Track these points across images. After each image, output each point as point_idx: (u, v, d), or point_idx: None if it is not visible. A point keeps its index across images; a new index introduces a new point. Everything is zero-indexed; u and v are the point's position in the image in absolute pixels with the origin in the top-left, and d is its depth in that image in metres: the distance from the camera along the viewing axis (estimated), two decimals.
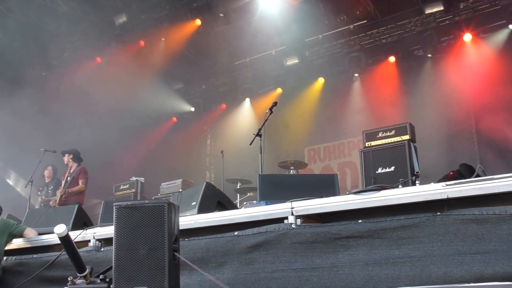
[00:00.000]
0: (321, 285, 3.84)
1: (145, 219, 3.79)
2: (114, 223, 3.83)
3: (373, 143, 9.13)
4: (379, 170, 8.86)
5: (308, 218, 4.28)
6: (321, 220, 4.28)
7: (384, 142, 9.07)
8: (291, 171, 9.79)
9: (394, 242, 3.70)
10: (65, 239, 3.75)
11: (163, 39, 13.94)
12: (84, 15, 13.48)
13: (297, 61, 13.84)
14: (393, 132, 9.03)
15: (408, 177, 8.27)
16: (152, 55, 14.10)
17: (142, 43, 14.08)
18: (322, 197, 4.33)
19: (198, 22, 13.43)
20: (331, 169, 13.70)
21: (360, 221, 3.90)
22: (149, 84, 14.44)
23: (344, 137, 13.89)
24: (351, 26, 13.08)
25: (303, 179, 6.01)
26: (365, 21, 12.90)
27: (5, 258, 5.85)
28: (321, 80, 14.21)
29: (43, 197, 9.71)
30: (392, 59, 13.06)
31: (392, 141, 8.92)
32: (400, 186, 5.74)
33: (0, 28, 11.73)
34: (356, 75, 13.77)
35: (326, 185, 5.30)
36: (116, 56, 14.05)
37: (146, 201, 3.85)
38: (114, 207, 3.85)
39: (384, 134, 9.22)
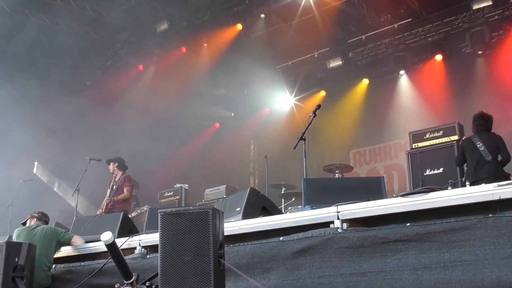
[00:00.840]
0: None
1: (190, 226, 3.78)
2: (159, 230, 3.84)
3: (421, 144, 8.95)
4: (427, 172, 8.67)
5: (354, 222, 4.18)
6: (367, 224, 4.18)
7: (432, 143, 8.87)
8: (336, 174, 9.65)
9: (444, 245, 3.57)
10: (111, 246, 3.78)
11: (204, 44, 14.05)
12: (126, 24, 13.78)
13: (340, 62, 13.67)
14: (441, 133, 8.82)
15: (458, 178, 8.06)
16: (194, 61, 14.23)
17: (183, 49, 14.24)
18: (368, 200, 4.23)
19: (239, 26, 13.50)
20: (377, 172, 13.46)
21: (408, 224, 3.78)
22: (191, 90, 14.59)
23: (390, 139, 13.63)
24: (396, 25, 12.82)
25: (348, 183, 5.88)
26: (410, 19, 12.61)
27: (54, 266, 5.97)
28: (365, 81, 14.01)
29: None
30: (439, 57, 12.72)
31: (440, 141, 8.72)
32: (449, 188, 5.57)
33: (46, 39, 12.07)
34: (402, 74, 13.49)
35: (372, 188, 5.17)
36: (158, 63, 14.27)
37: (191, 208, 3.85)
38: (159, 214, 3.87)
39: (432, 135, 9.01)
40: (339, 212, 4.20)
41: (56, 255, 6.12)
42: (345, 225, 4.14)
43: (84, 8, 12.99)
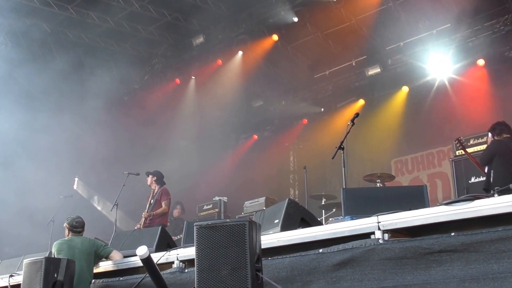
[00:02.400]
0: None
1: (226, 239, 3.72)
2: (195, 243, 3.80)
3: None
4: (472, 180, 8.38)
5: (396, 233, 4.03)
6: (410, 234, 4.02)
7: (476, 150, 8.60)
8: (378, 184, 9.44)
9: (493, 255, 3.40)
10: (147, 261, 3.75)
11: (241, 56, 14.07)
12: (163, 38, 13.98)
13: (379, 70, 13.46)
14: (485, 139, 8.53)
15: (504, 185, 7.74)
16: (230, 74, 14.27)
17: (220, 62, 14.32)
18: (410, 209, 4.07)
19: (275, 37, 13.50)
20: (420, 180, 13.13)
21: (452, 234, 3.62)
22: (229, 102, 14.63)
23: (433, 147, 13.30)
24: (434, 31, 12.56)
25: (389, 192, 5.72)
26: (449, 24, 12.34)
27: (93, 281, 6.00)
28: (405, 89, 13.72)
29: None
30: (481, 62, 12.35)
31: (484, 149, 8.41)
32: (495, 195, 5.34)
33: (84, 57, 12.34)
34: (443, 80, 13.17)
35: (415, 197, 5.00)
36: (195, 76, 14.38)
37: (227, 220, 3.80)
38: (194, 227, 3.82)
39: (476, 141, 8.76)
40: (379, 222, 4.06)
41: (95, 270, 6.15)
42: (386, 236, 4.00)
43: (121, 25, 13.26)
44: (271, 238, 4.74)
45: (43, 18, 12.26)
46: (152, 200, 9.39)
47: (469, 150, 8.50)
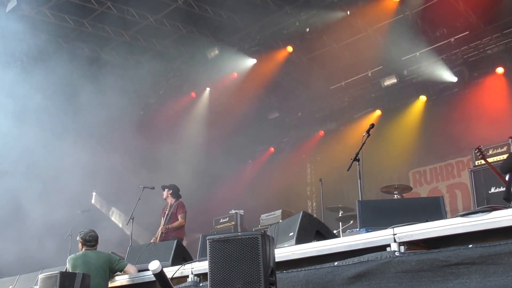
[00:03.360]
0: None
1: (239, 252, 3.69)
2: (208, 257, 3.78)
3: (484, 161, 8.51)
4: (492, 190, 8.22)
5: (413, 245, 3.95)
6: (426, 246, 3.94)
7: (496, 160, 8.45)
8: (395, 195, 9.31)
9: None
10: (159, 275, 3.73)
11: (255, 69, 14.09)
12: (178, 52, 14.08)
13: (395, 80, 13.38)
14: (505, 149, 8.41)
15: None
16: (246, 86, 14.29)
17: (235, 74, 14.35)
18: (427, 221, 3.99)
19: (289, 49, 13.50)
20: (439, 191, 12.93)
21: (470, 246, 3.53)
22: (245, 115, 14.62)
23: (451, 157, 13.12)
24: (452, 39, 12.45)
25: (406, 203, 5.64)
26: (467, 32, 12.22)
27: None
28: (422, 99, 13.58)
29: None
30: (500, 70, 12.19)
31: (505, 158, 8.25)
32: None
33: (99, 71, 12.45)
34: (461, 90, 13.01)
35: (431, 209, 4.90)
36: (210, 89, 14.41)
37: (239, 233, 3.77)
38: (207, 241, 3.80)
39: (496, 151, 8.62)
40: (395, 234, 3.99)
41: (111, 285, 6.13)
42: (402, 248, 3.92)
43: (136, 39, 13.39)
44: (285, 251, 4.69)
45: (58, 33, 12.43)
46: (168, 214, 9.38)
47: (489, 160, 8.36)
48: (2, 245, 10.98)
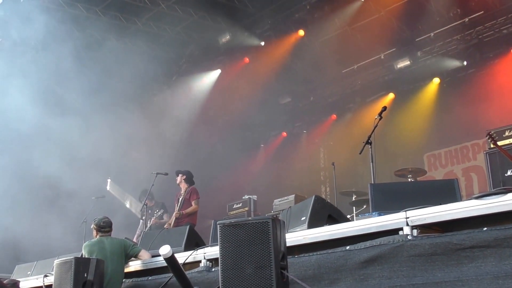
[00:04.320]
0: None
1: (250, 237, 3.68)
2: (219, 242, 3.78)
3: (500, 143, 8.37)
4: (509, 173, 8.07)
5: (426, 228, 3.90)
6: (440, 230, 3.89)
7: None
8: (409, 179, 9.21)
9: None
10: (170, 260, 3.72)
11: (267, 53, 14.01)
12: (190, 38, 14.02)
13: (408, 63, 13.24)
14: None
15: None
16: (258, 71, 14.23)
17: (247, 59, 14.30)
18: (441, 204, 3.93)
19: (301, 32, 13.39)
20: (455, 175, 12.80)
21: (485, 228, 3.47)
22: (257, 100, 14.59)
23: (467, 140, 12.97)
24: (466, 19, 12.24)
25: (419, 186, 5.56)
26: (482, 12, 11.99)
27: (123, 280, 6.02)
28: (436, 81, 13.42)
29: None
30: None
31: None
32: None
33: (113, 59, 12.44)
34: (475, 71, 12.82)
35: (445, 191, 4.82)
36: (222, 75, 14.37)
37: (250, 218, 3.75)
38: (218, 226, 3.78)
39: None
40: (408, 218, 3.94)
41: (125, 270, 6.16)
42: (415, 232, 3.88)
43: (149, 26, 13.36)
44: (297, 236, 4.67)
45: (70, 20, 12.42)
46: (181, 199, 9.40)
47: (505, 142, 8.23)
48: (25, 230, 11.12)
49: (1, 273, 8.61)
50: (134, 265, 6.24)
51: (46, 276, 6.71)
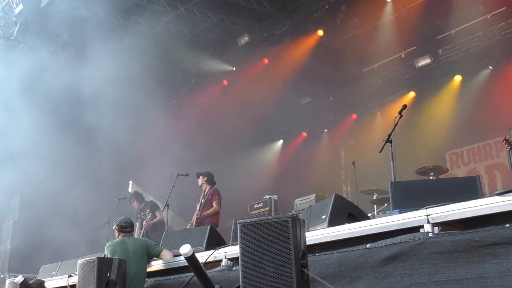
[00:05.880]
0: None
1: (270, 236, 3.69)
2: (239, 241, 3.79)
3: None
4: None
5: (447, 226, 3.88)
6: (461, 227, 3.86)
7: None
8: (431, 177, 9.13)
9: None
10: (191, 259, 3.75)
11: (286, 54, 14.01)
12: (209, 40, 14.10)
13: (429, 60, 13.14)
14: None
15: None
16: (277, 72, 14.25)
17: (266, 60, 14.32)
18: (462, 202, 3.90)
19: (320, 32, 13.35)
20: (477, 173, 12.60)
21: (507, 225, 3.44)
22: (276, 101, 14.60)
23: (490, 137, 12.78)
24: (488, 16, 12.09)
25: (440, 184, 5.51)
26: (504, 7, 11.83)
27: (146, 279, 6.08)
28: (458, 78, 13.26)
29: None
30: None
31: None
32: None
33: (131, 61, 12.55)
34: (498, 67, 12.62)
35: (467, 189, 4.76)
36: (242, 76, 14.41)
37: (269, 217, 3.76)
38: (238, 225, 3.80)
39: None
40: (429, 215, 3.92)
41: (148, 269, 6.23)
42: (436, 229, 3.85)
43: (167, 29, 13.46)
44: (318, 234, 4.68)
45: (89, 26, 12.57)
46: (203, 200, 9.46)
47: None
48: (51, 234, 11.32)
49: (27, 274, 8.78)
50: (156, 265, 6.31)
51: (70, 276, 6.78)
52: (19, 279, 5.62)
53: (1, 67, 12.04)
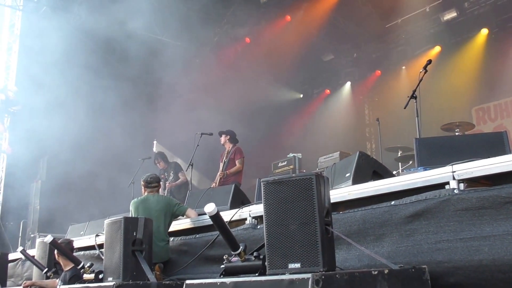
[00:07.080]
0: (493, 255, 3.40)
1: (293, 193, 3.65)
2: (262, 199, 3.76)
3: None
4: None
5: (473, 182, 3.81)
6: (488, 183, 3.79)
7: None
8: (456, 133, 8.99)
9: None
10: (215, 217, 3.76)
11: (309, 10, 13.76)
12: None
13: (455, 14, 12.82)
14: None
15: None
16: (299, 29, 14.02)
17: (288, 17, 14.12)
18: (489, 157, 3.83)
19: None
20: (505, 128, 12.38)
21: None
22: (299, 58, 14.41)
23: None
24: None
25: (466, 140, 5.41)
26: None
27: (172, 238, 6.15)
28: (484, 32, 12.93)
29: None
30: None
31: None
32: None
33: (156, 22, 12.44)
34: None
35: (494, 145, 4.68)
36: (264, 34, 14.23)
37: (293, 175, 3.73)
38: (261, 183, 3.79)
39: None
40: (454, 172, 3.84)
41: (173, 228, 6.29)
42: (462, 186, 3.79)
43: None
44: (342, 192, 4.64)
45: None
46: (225, 159, 9.47)
47: None
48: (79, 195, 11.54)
49: (56, 233, 9.01)
50: (181, 224, 6.37)
51: (97, 235, 6.93)
52: (49, 238, 5.73)
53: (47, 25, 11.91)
